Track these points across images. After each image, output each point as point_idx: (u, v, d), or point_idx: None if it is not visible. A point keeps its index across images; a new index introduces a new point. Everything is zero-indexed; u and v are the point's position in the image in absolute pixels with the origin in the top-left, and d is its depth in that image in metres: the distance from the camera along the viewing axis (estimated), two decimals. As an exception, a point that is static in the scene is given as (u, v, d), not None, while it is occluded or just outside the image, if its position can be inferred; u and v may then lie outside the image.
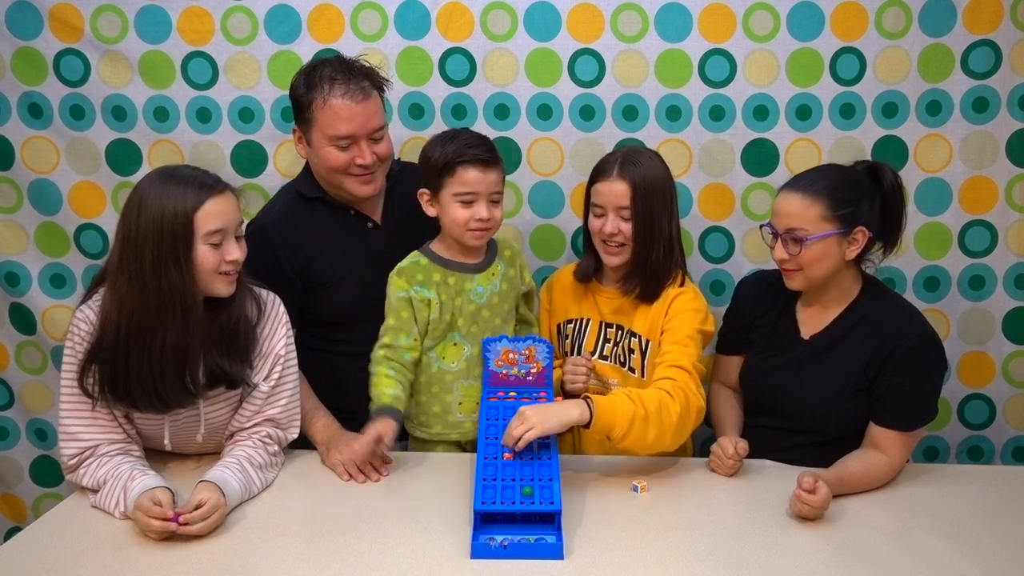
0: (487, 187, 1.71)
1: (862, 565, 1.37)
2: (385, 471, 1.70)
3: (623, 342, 1.87)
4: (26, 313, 2.26)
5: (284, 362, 1.69)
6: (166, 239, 1.48)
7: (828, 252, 1.66)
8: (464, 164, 1.69)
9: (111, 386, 1.53)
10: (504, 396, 1.74)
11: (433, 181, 1.74)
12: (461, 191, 1.70)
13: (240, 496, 1.55)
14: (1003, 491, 1.65)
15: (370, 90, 1.81)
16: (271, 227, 1.87)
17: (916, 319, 1.71)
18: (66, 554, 1.41)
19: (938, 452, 2.28)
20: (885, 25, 2.05)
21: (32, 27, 2.09)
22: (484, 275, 1.80)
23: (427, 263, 1.78)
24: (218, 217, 1.52)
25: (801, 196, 1.65)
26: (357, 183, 1.84)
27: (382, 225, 1.95)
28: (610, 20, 2.08)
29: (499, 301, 1.82)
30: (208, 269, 1.52)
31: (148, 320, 1.50)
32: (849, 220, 1.64)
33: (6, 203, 2.21)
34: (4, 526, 2.43)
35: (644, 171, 1.77)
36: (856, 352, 1.68)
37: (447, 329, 1.79)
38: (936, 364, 1.68)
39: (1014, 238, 2.13)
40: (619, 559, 1.39)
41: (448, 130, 1.83)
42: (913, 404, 1.65)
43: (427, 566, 1.37)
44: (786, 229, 1.66)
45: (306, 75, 1.83)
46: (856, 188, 1.67)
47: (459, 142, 1.72)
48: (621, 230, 1.78)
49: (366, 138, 1.80)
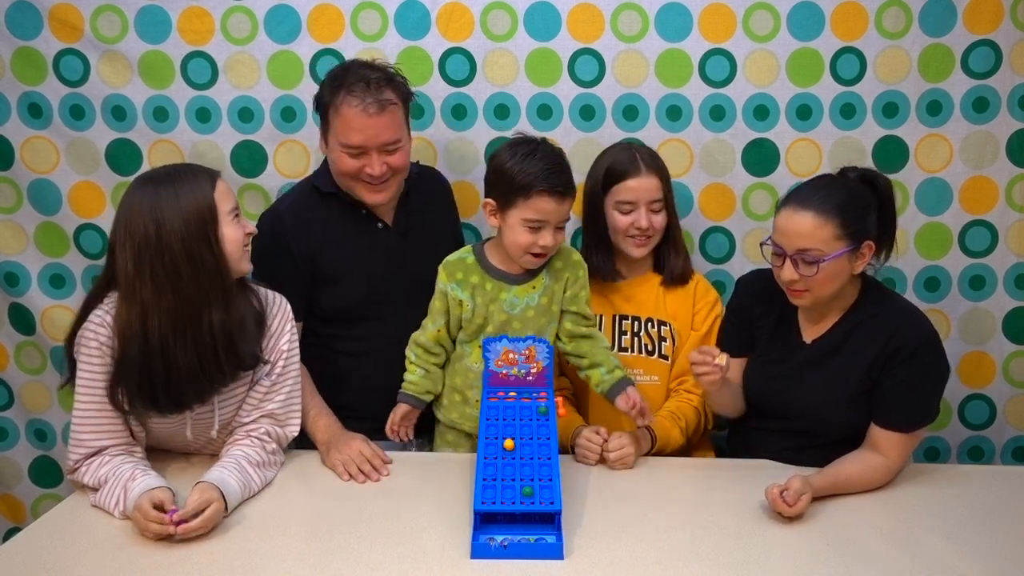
0: (558, 217, 1.69)
1: (862, 565, 1.37)
2: (385, 471, 1.70)
3: (643, 332, 1.94)
4: (25, 313, 2.26)
5: (286, 357, 1.70)
6: (194, 228, 1.52)
7: (840, 270, 1.63)
8: (542, 193, 1.65)
9: (140, 397, 1.55)
10: (504, 396, 1.74)
11: (504, 196, 1.69)
12: (532, 218, 1.67)
13: (240, 495, 1.55)
14: (1003, 491, 1.65)
15: (389, 104, 1.78)
16: (285, 214, 1.88)
17: (919, 319, 1.70)
18: (66, 554, 1.41)
19: (938, 452, 2.27)
20: (885, 25, 2.05)
21: (32, 27, 2.09)
22: (523, 287, 1.78)
23: (473, 263, 1.79)
24: (228, 194, 1.60)
25: (814, 216, 1.59)
26: (367, 190, 1.84)
27: (393, 226, 1.95)
28: (610, 20, 2.08)
29: (535, 315, 1.78)
30: (237, 242, 1.58)
31: (187, 312, 1.53)
32: (858, 235, 1.62)
33: (6, 203, 2.21)
34: (3, 527, 2.43)
35: (661, 163, 1.93)
36: (859, 355, 1.67)
37: (477, 332, 1.79)
38: (938, 365, 1.68)
39: (1014, 238, 2.13)
40: (619, 559, 1.39)
41: (527, 140, 1.73)
42: (915, 404, 1.64)
43: (427, 566, 1.37)
44: (797, 250, 1.60)
45: (334, 76, 1.81)
46: (862, 202, 1.64)
47: (541, 163, 1.66)
48: (653, 223, 1.87)
49: (377, 150, 1.79)
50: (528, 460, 1.54)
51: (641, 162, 1.88)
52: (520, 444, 1.58)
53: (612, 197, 1.88)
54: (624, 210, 1.88)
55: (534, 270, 1.78)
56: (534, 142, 1.72)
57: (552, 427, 1.63)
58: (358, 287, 1.90)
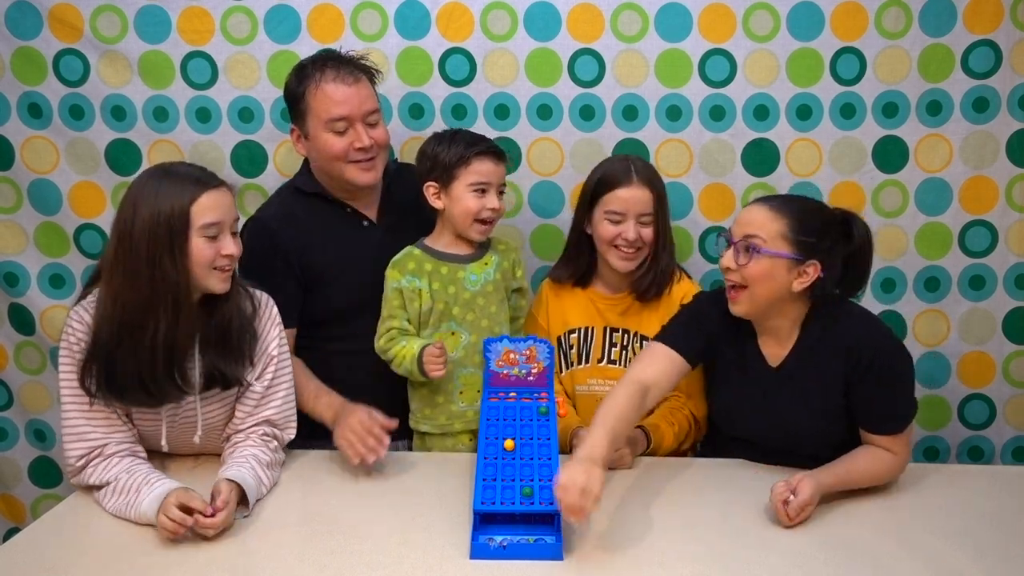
0: (498, 178, 1.81)
1: (862, 565, 1.37)
2: (386, 440, 1.64)
3: (631, 345, 1.92)
4: (25, 313, 2.26)
5: (277, 362, 1.68)
6: (162, 231, 1.48)
7: (775, 273, 1.59)
8: (480, 156, 1.78)
9: (107, 383, 1.52)
10: (505, 396, 1.74)
11: (444, 174, 1.79)
12: (477, 181, 1.78)
13: (255, 496, 1.55)
14: (1003, 491, 1.65)
15: (360, 75, 1.85)
16: (269, 220, 1.88)
17: (872, 323, 1.67)
18: (65, 554, 1.41)
19: (938, 452, 2.27)
20: (885, 25, 2.05)
21: (32, 27, 2.09)
22: (477, 264, 1.84)
23: (420, 254, 1.83)
24: (214, 210, 1.53)
25: (768, 209, 1.60)
26: (358, 170, 1.85)
27: (378, 223, 1.95)
28: (610, 20, 2.08)
29: (493, 290, 1.85)
30: (203, 263, 1.52)
31: (139, 314, 1.49)
32: (806, 250, 1.58)
33: (6, 203, 2.21)
34: (3, 527, 2.43)
35: (657, 178, 1.89)
36: (827, 372, 1.63)
37: (441, 319, 1.81)
38: (902, 360, 1.65)
39: (1014, 238, 2.13)
40: (619, 559, 1.39)
41: (444, 131, 1.87)
42: (897, 406, 1.63)
43: (427, 566, 1.37)
44: (743, 236, 1.60)
45: (296, 71, 1.87)
46: (823, 223, 1.62)
47: (467, 137, 1.81)
48: (642, 236, 1.85)
49: (361, 121, 1.83)
50: (528, 460, 1.54)
51: (635, 173, 1.85)
52: (520, 444, 1.58)
53: (602, 206, 1.86)
54: (613, 219, 1.85)
55: (480, 250, 1.86)
56: (451, 130, 1.87)
57: (552, 427, 1.63)
58: (348, 286, 1.90)
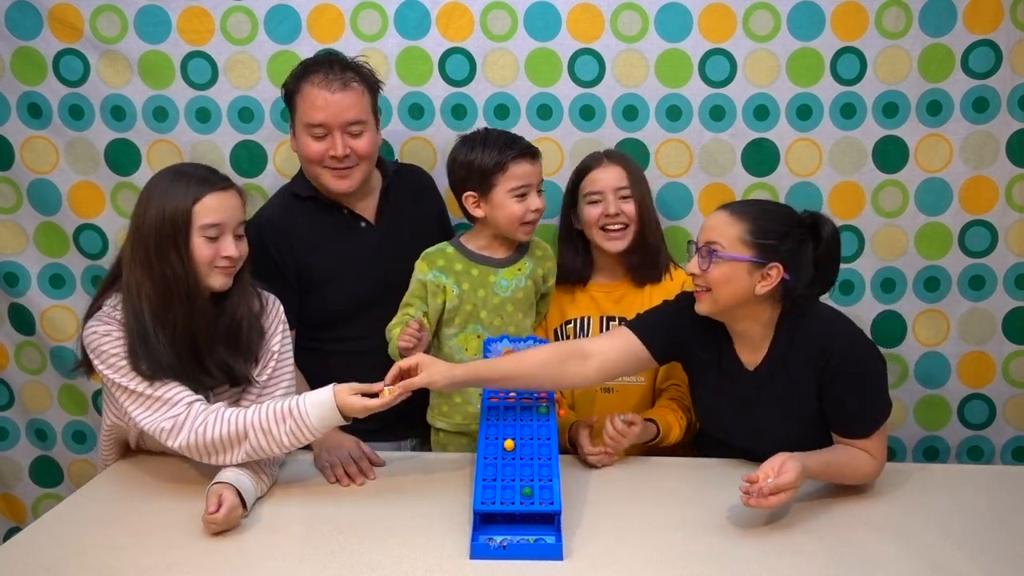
0: (537, 178, 1.80)
1: (862, 565, 1.37)
2: (372, 474, 1.69)
3: None
4: (25, 313, 2.26)
5: (277, 359, 1.70)
6: (167, 229, 1.55)
7: (736, 277, 1.59)
8: (517, 159, 1.76)
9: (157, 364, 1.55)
10: (504, 396, 1.74)
11: (482, 183, 1.77)
12: (516, 185, 1.76)
13: (255, 495, 1.56)
14: (1003, 491, 1.65)
15: (353, 83, 1.82)
16: (265, 224, 1.88)
17: (839, 323, 1.66)
18: (66, 554, 1.41)
19: (938, 452, 2.27)
20: (885, 25, 2.05)
21: (32, 27, 2.09)
22: (510, 269, 1.83)
23: (453, 252, 1.82)
24: (215, 212, 1.57)
25: (728, 215, 1.62)
26: (331, 176, 1.85)
27: (376, 225, 1.95)
28: (610, 20, 2.08)
29: (523, 297, 1.85)
30: (203, 261, 1.58)
31: (160, 305, 1.56)
32: (767, 252, 1.58)
33: (5, 203, 2.21)
34: (3, 526, 2.43)
35: (629, 159, 1.97)
36: (801, 375, 1.63)
37: (468, 320, 1.81)
38: (871, 359, 1.63)
39: (1014, 238, 2.13)
40: (619, 559, 1.39)
41: (472, 134, 1.84)
42: (867, 408, 1.60)
43: (427, 566, 1.37)
44: (704, 243, 1.62)
45: (295, 70, 1.87)
46: (785, 225, 1.61)
47: (499, 140, 1.79)
48: (623, 210, 1.89)
49: (340, 130, 1.81)
50: (528, 460, 1.54)
51: (604, 156, 1.95)
52: (520, 444, 1.58)
53: (582, 192, 1.93)
54: (593, 200, 1.91)
55: (516, 254, 1.86)
56: (479, 131, 1.84)
57: (552, 427, 1.63)
58: (347, 287, 1.90)
